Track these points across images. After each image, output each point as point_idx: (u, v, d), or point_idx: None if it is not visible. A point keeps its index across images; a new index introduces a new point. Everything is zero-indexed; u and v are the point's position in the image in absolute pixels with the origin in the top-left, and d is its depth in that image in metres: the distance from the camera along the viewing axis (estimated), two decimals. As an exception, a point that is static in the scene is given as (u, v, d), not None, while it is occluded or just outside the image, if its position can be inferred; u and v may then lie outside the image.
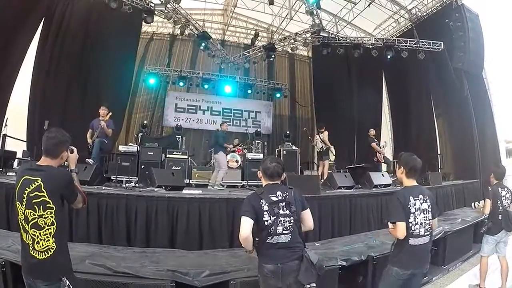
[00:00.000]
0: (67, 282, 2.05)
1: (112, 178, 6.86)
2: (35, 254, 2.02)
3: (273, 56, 12.31)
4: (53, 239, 2.04)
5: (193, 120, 14.28)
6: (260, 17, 14.41)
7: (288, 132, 13.57)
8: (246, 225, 2.32)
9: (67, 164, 2.32)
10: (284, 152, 10.25)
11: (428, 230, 2.67)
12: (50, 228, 2.03)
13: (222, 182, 8.08)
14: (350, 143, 13.32)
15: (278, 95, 15.18)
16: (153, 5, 9.60)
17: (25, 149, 8.74)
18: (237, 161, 9.51)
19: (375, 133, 9.42)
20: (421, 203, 2.65)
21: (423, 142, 11.76)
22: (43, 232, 2.02)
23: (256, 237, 2.40)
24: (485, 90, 11.34)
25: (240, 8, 13.75)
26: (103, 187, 5.10)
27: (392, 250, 2.78)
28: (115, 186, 5.55)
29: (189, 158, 9.22)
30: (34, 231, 2.02)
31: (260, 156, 9.65)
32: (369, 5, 11.56)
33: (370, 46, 11.55)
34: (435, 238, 4.29)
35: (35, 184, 2.02)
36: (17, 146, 8.31)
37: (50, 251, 2.03)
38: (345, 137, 13.21)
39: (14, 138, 8.03)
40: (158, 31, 14.38)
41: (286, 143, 11.44)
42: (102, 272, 2.87)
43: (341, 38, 11.77)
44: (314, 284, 2.33)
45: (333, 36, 11.59)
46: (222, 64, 13.25)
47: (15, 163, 7.51)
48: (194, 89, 14.39)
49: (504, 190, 4.16)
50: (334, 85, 13.18)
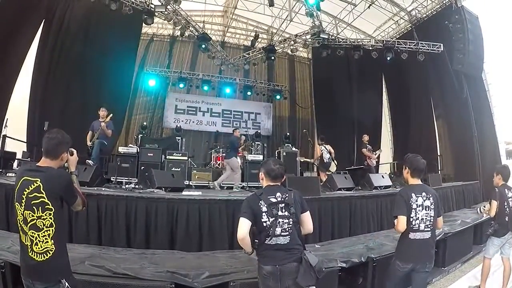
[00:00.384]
0: (66, 284, 2.04)
1: (112, 179, 6.85)
2: (34, 256, 2.01)
3: (273, 58, 12.34)
4: (52, 241, 2.02)
5: (193, 122, 14.30)
6: (260, 19, 14.42)
7: (288, 134, 13.59)
8: (243, 226, 2.33)
9: (67, 166, 2.31)
10: (284, 154, 10.27)
11: (429, 226, 2.79)
12: (49, 230, 2.02)
13: (222, 184, 8.11)
14: (350, 145, 13.30)
15: (278, 97, 15.26)
16: (153, 7, 9.62)
17: (25, 150, 8.74)
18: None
19: (369, 139, 9.53)
20: (424, 200, 2.79)
21: (423, 144, 11.75)
22: (42, 234, 2.01)
23: (256, 239, 2.39)
24: (485, 92, 11.35)
25: (240, 10, 13.76)
26: (103, 188, 5.10)
27: (397, 244, 2.99)
28: (115, 187, 5.54)
29: (189, 160, 9.21)
30: (33, 233, 2.01)
31: (260, 158, 9.63)
32: (369, 7, 11.57)
33: (370, 48, 11.58)
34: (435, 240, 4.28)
35: (34, 185, 2.01)
36: (17, 147, 8.32)
37: (49, 253, 2.02)
38: (345, 139, 13.22)
39: (14, 139, 8.03)
40: (158, 33, 14.41)
41: (286, 145, 11.44)
42: (102, 274, 2.87)
43: (341, 40, 11.80)
44: (314, 287, 2.33)
45: (333, 38, 11.63)
46: (222, 66, 13.26)
47: (15, 164, 7.51)
48: (194, 91, 14.44)
49: (511, 192, 4.09)
50: (334, 87, 13.17)
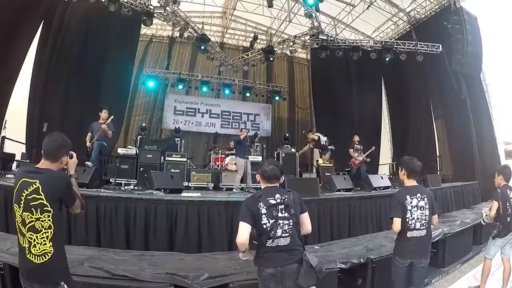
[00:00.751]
0: (65, 286, 2.04)
1: (111, 181, 6.83)
2: (32, 258, 2.00)
3: (272, 59, 12.32)
4: (50, 243, 2.02)
5: (192, 123, 14.28)
6: (259, 20, 14.41)
7: (287, 135, 13.58)
8: (244, 231, 2.32)
9: (66, 169, 2.31)
10: (283, 155, 10.29)
11: (424, 225, 3.00)
12: (47, 232, 2.01)
13: (222, 185, 8.15)
14: (349, 145, 13.30)
15: (277, 98, 15.27)
16: (152, 8, 9.60)
17: (24, 152, 8.73)
18: (236, 164, 9.49)
19: (359, 139, 9.62)
20: (418, 201, 2.99)
21: (422, 144, 11.78)
22: (40, 236, 2.00)
23: (254, 240, 2.38)
24: (484, 93, 11.36)
25: (239, 11, 13.75)
26: (102, 190, 5.09)
27: (395, 243, 3.16)
28: (114, 189, 5.54)
29: (188, 161, 9.21)
30: (31, 234, 2.00)
31: (259, 159, 9.64)
32: (368, 8, 11.59)
33: (369, 49, 11.59)
34: (434, 240, 4.28)
35: (33, 187, 2.01)
36: (16, 149, 8.31)
37: (47, 255, 2.01)
38: (344, 139, 13.16)
39: (13, 140, 8.03)
40: (157, 34, 14.39)
41: (285, 146, 11.45)
42: (101, 275, 2.86)
43: (340, 41, 11.79)
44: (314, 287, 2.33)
45: (332, 39, 11.62)
46: (221, 67, 13.24)
47: (14, 166, 7.50)
48: (193, 92, 14.43)
49: None
50: (333, 88, 13.17)
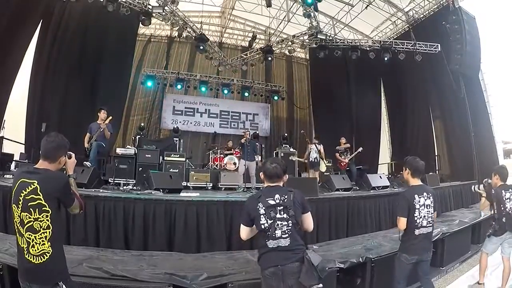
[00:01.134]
0: (64, 287, 2.04)
1: (110, 181, 6.81)
2: (30, 258, 2.00)
3: (271, 59, 12.33)
4: (49, 243, 2.02)
5: (191, 123, 14.28)
6: (258, 20, 14.42)
7: (286, 134, 13.59)
8: (244, 232, 2.52)
9: (65, 169, 2.31)
10: (282, 154, 10.29)
11: (430, 222, 3.18)
12: (46, 232, 2.02)
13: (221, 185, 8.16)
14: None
15: (276, 98, 15.29)
16: (151, 8, 9.60)
17: (23, 152, 8.71)
18: (235, 164, 9.49)
19: (346, 141, 9.68)
20: (425, 200, 3.15)
21: (421, 144, 11.80)
22: (38, 236, 2.00)
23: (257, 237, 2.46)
24: (482, 92, 11.39)
25: (238, 11, 13.75)
26: (101, 190, 5.08)
27: (401, 240, 3.27)
28: (113, 189, 5.52)
29: (187, 161, 9.19)
30: (29, 235, 2.00)
31: (258, 159, 9.62)
32: (366, 7, 11.60)
33: (368, 48, 11.61)
34: (433, 240, 4.29)
35: (31, 187, 2.01)
36: (15, 149, 8.29)
37: (46, 255, 2.01)
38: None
39: (12, 141, 8.01)
40: (156, 33, 14.37)
41: (284, 145, 11.46)
42: (100, 276, 2.85)
43: (339, 40, 11.81)
44: (321, 285, 2.33)
45: (331, 39, 11.63)
46: (220, 67, 13.26)
47: (13, 166, 7.49)
48: (192, 92, 14.43)
49: (508, 192, 4.07)
50: (332, 87, 13.19)
